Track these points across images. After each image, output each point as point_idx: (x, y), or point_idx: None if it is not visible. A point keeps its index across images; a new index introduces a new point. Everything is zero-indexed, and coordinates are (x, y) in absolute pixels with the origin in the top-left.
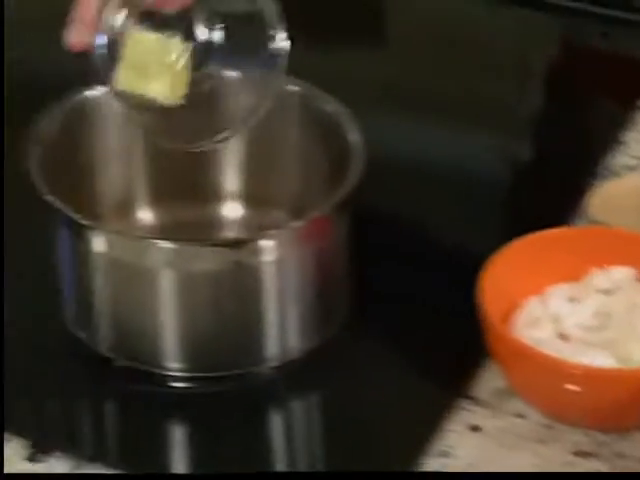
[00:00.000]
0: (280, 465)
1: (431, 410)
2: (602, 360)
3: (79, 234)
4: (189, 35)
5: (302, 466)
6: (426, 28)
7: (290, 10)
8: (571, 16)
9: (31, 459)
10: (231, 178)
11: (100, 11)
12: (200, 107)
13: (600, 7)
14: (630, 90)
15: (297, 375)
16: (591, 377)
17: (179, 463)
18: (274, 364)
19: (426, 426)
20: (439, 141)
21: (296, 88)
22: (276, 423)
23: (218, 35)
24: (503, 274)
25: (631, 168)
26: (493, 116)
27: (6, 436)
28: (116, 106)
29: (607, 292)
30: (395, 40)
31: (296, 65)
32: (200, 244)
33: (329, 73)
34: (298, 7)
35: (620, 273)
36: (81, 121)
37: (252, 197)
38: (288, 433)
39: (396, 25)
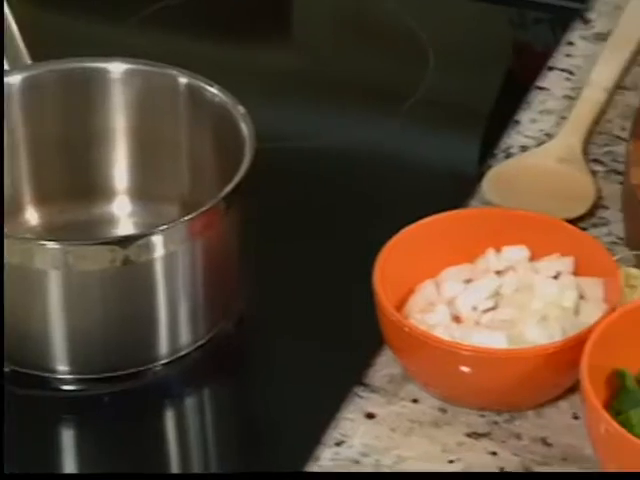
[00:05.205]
0: (174, 464)
1: (326, 400)
2: (495, 341)
3: None
4: None
5: (197, 465)
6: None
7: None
8: None
9: None
10: (119, 174)
11: None
12: None
13: None
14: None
15: (189, 371)
16: (481, 358)
17: (71, 466)
18: (166, 361)
19: (321, 416)
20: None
21: (184, 79)
22: (169, 421)
23: None
24: (398, 260)
25: (524, 148)
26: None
27: None
28: None
29: (501, 273)
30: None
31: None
32: (87, 243)
33: (231, 68)
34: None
35: (513, 253)
36: None
37: (142, 193)
38: (181, 431)
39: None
